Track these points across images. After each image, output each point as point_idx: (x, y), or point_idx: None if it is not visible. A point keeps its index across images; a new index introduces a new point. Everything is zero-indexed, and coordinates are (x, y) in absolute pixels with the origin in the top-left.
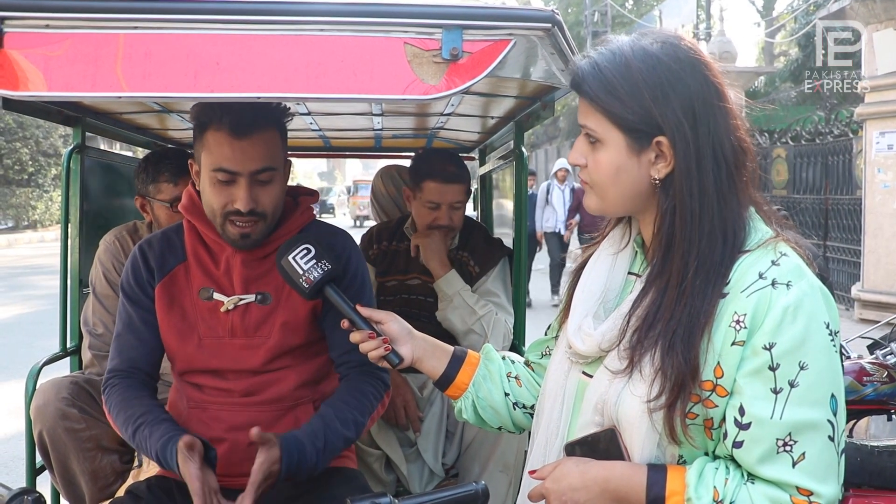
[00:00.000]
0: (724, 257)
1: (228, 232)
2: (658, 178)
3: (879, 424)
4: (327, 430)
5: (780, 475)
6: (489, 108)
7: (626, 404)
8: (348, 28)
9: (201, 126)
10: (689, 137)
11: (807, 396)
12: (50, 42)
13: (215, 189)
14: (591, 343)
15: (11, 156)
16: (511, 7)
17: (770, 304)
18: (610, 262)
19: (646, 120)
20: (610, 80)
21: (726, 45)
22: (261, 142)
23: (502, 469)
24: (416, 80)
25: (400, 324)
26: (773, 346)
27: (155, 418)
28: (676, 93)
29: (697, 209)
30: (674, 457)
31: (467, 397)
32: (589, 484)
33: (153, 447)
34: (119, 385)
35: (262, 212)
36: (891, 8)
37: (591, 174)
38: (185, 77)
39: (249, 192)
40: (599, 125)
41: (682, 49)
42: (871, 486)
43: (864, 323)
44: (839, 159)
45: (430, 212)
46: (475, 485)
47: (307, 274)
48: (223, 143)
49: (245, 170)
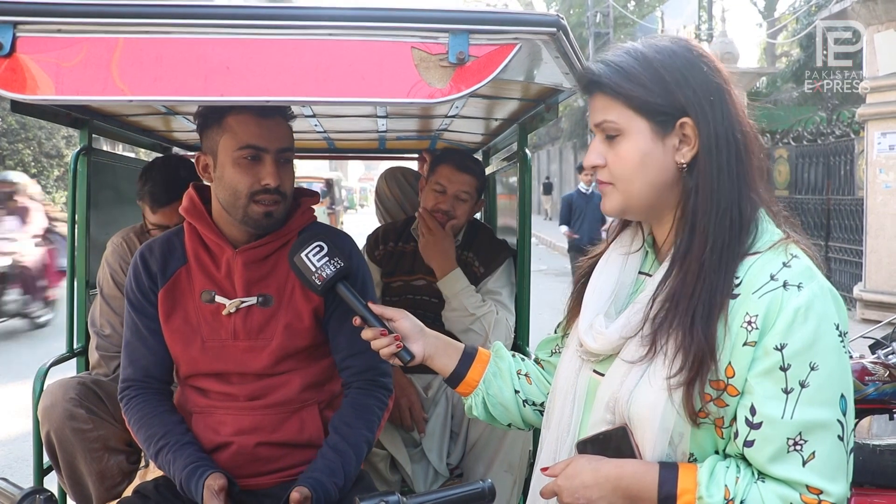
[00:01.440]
0: (732, 240)
1: (252, 213)
2: (685, 163)
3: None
4: (345, 465)
5: (791, 474)
6: (493, 110)
7: (639, 400)
8: (356, 32)
9: (219, 113)
10: (710, 118)
11: (817, 396)
12: (62, 46)
13: (240, 169)
14: (603, 341)
15: (14, 157)
16: (517, 12)
17: (781, 305)
18: (621, 261)
19: (670, 101)
20: (630, 70)
21: (728, 46)
22: (282, 124)
23: (507, 469)
24: (423, 84)
25: (412, 321)
26: (785, 346)
27: (178, 442)
28: (694, 77)
29: (716, 187)
30: (685, 455)
31: (478, 394)
32: (601, 481)
33: (177, 474)
34: (137, 398)
35: (285, 191)
36: (892, 9)
37: (612, 170)
38: (195, 81)
39: (275, 168)
40: (621, 116)
41: (691, 44)
42: (873, 485)
43: (866, 323)
44: (841, 160)
45: (435, 195)
46: (482, 483)
47: (320, 271)
48: (250, 122)
49: (272, 146)
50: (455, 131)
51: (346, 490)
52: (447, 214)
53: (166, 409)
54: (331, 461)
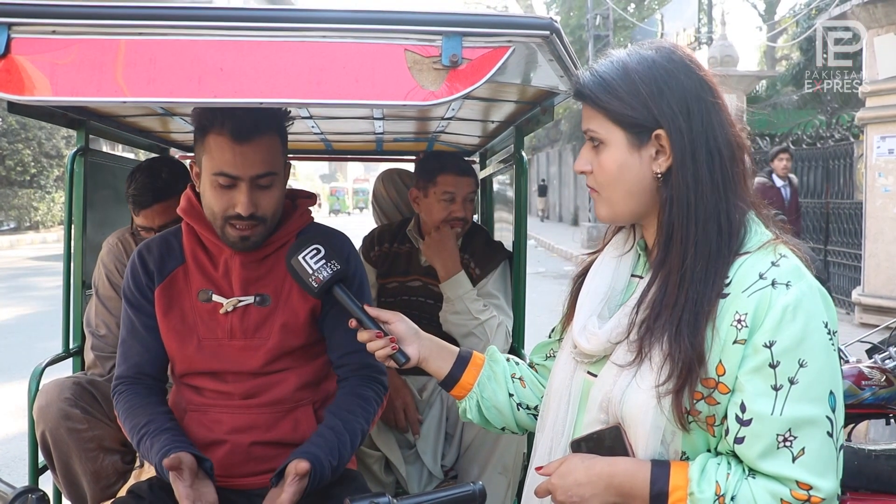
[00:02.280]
0: (721, 247)
1: (228, 235)
2: (660, 172)
3: (878, 428)
4: (341, 446)
5: (781, 470)
6: (489, 113)
7: (631, 400)
8: (350, 35)
9: (202, 129)
10: (684, 129)
11: (806, 393)
12: (56, 48)
13: (216, 192)
14: (596, 342)
15: (14, 157)
16: (510, 14)
17: (770, 303)
18: (614, 264)
19: (644, 114)
20: (609, 81)
21: (728, 49)
22: (262, 147)
23: (501, 471)
24: (417, 87)
25: (407, 324)
26: (774, 343)
27: (157, 428)
28: (671, 88)
29: (693, 199)
30: (677, 453)
31: (472, 398)
32: (594, 479)
33: (154, 461)
34: (126, 392)
35: (262, 216)
36: (892, 12)
37: (596, 177)
38: (189, 82)
39: (250, 196)
40: (601, 126)
41: (675, 53)
42: (868, 490)
43: (865, 327)
44: (840, 163)
45: (445, 205)
46: (473, 485)
47: (317, 273)
48: (224, 147)
49: (246, 175)
50: (452, 133)
51: (338, 472)
52: (464, 221)
53: (154, 401)
54: (329, 440)
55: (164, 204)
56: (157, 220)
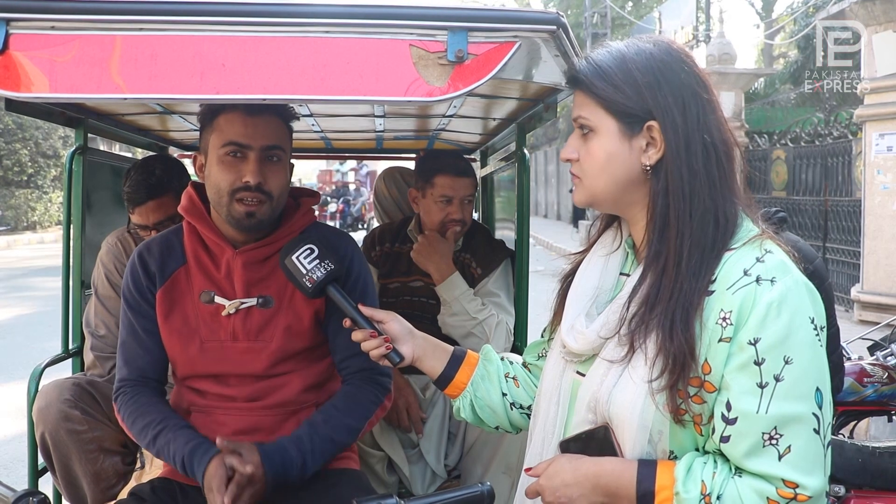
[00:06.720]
0: (716, 241)
1: (234, 211)
2: (649, 165)
3: (880, 425)
4: (314, 434)
5: (767, 468)
6: (491, 110)
7: (618, 400)
8: (353, 30)
9: (213, 113)
10: (679, 122)
11: (792, 390)
12: (55, 44)
13: (224, 167)
14: (584, 341)
15: (11, 157)
16: (516, 9)
17: (755, 300)
18: (602, 263)
19: (638, 104)
20: (605, 69)
21: (726, 47)
22: (272, 122)
23: (505, 470)
24: (422, 82)
25: (401, 323)
26: (758, 341)
27: (175, 424)
28: (667, 81)
29: (688, 191)
30: (665, 452)
31: (465, 397)
32: (581, 480)
33: (178, 451)
34: (131, 393)
35: (269, 191)
36: (890, 10)
37: (582, 165)
38: (190, 78)
39: (259, 166)
40: (593, 113)
41: (672, 47)
42: (872, 487)
43: (864, 324)
44: (839, 161)
45: (443, 207)
46: (480, 486)
47: (310, 273)
48: (236, 120)
49: (256, 144)
50: (453, 131)
51: (315, 464)
52: (463, 223)
53: (162, 402)
54: (298, 430)
55: (158, 200)
56: (151, 217)
